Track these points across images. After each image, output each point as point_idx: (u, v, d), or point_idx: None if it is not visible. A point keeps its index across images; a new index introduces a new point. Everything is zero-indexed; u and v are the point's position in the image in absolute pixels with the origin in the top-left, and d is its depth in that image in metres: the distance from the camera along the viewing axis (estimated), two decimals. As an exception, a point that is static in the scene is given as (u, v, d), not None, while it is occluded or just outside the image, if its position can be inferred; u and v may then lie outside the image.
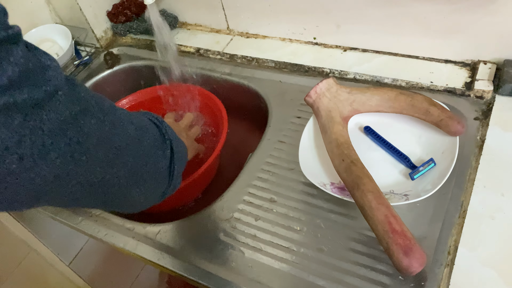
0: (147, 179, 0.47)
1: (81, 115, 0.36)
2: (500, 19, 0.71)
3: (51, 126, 0.33)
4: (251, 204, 0.70)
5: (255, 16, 0.97)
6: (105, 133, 0.39)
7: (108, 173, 0.40)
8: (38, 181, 0.34)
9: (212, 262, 0.64)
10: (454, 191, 0.63)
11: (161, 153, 0.50)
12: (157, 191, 0.51)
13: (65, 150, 0.34)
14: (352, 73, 0.86)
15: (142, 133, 0.46)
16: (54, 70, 0.35)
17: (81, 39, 1.11)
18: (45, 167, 0.33)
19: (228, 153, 0.92)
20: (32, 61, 0.33)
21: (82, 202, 0.41)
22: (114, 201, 0.45)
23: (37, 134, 0.32)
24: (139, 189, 0.46)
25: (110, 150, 0.40)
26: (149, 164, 0.47)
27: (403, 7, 0.77)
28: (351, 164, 0.61)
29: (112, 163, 0.40)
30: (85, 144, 0.36)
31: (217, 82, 0.97)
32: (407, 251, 0.51)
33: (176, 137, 0.54)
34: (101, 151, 0.38)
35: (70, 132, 0.35)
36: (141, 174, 0.45)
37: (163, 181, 0.51)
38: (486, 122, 0.70)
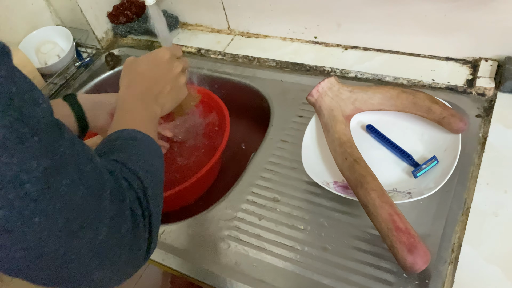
0: (116, 260, 0.38)
1: (51, 171, 0.31)
2: (500, 16, 0.71)
3: (8, 170, 0.28)
4: (255, 203, 0.70)
5: (256, 15, 0.97)
6: (74, 200, 0.33)
7: (64, 247, 0.33)
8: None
9: (216, 262, 0.64)
10: (457, 188, 0.63)
11: (139, 230, 0.40)
12: (128, 270, 0.41)
13: (15, 204, 0.29)
14: (354, 71, 0.86)
15: (121, 208, 0.38)
16: (44, 111, 0.31)
17: (82, 41, 1.11)
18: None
19: (231, 153, 0.92)
20: (20, 87, 0.30)
21: (26, 274, 0.33)
22: (69, 281, 0.36)
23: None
24: (104, 270, 0.37)
25: (76, 220, 0.33)
26: (125, 243, 0.38)
27: (403, 6, 0.77)
28: (354, 163, 0.61)
29: (73, 235, 0.33)
30: (43, 205, 0.30)
31: (218, 82, 0.97)
32: (411, 249, 0.52)
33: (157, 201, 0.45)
34: (62, 218, 0.32)
35: (28, 185, 0.29)
36: (110, 253, 0.37)
37: (138, 262, 0.42)
38: (488, 119, 0.71)
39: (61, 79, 1.05)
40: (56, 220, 0.31)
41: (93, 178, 0.35)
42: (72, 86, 1.05)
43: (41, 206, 0.30)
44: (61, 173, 0.32)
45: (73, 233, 0.33)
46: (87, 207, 0.34)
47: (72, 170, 0.33)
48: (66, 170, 0.32)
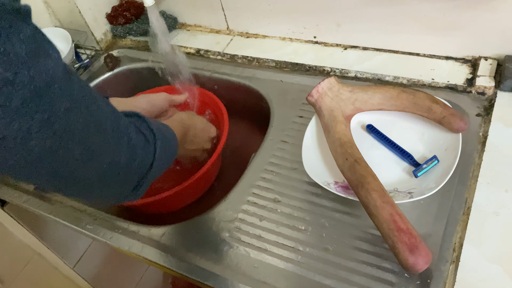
0: (114, 185, 0.47)
1: (70, 111, 0.37)
2: (500, 15, 0.71)
3: (42, 116, 0.34)
4: (255, 204, 0.70)
5: (255, 16, 0.97)
6: (87, 134, 0.40)
7: (79, 169, 0.41)
8: (10, 162, 0.35)
9: (217, 263, 0.64)
10: (458, 188, 0.63)
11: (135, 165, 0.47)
12: (121, 196, 0.50)
13: (46, 142, 0.35)
14: (353, 71, 0.86)
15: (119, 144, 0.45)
16: (54, 60, 0.35)
17: (81, 42, 1.11)
18: (22, 151, 0.34)
19: (231, 154, 0.92)
20: (39, 44, 0.34)
21: (43, 185, 0.42)
22: (73, 189, 0.45)
23: (27, 121, 0.33)
24: (104, 191, 0.46)
25: (87, 151, 0.40)
26: (121, 173, 0.46)
27: (403, 5, 0.77)
28: (355, 163, 0.61)
29: (86, 162, 0.41)
30: (66, 140, 0.37)
31: (218, 82, 0.97)
32: (412, 249, 0.52)
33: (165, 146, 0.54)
34: (78, 150, 0.39)
35: (56, 125, 0.35)
36: (110, 178, 0.45)
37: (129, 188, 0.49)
38: (488, 118, 0.71)
39: (60, 81, 1.05)
40: (74, 151, 0.38)
41: (98, 116, 0.41)
42: (71, 88, 1.04)
43: (65, 141, 0.37)
44: (76, 113, 0.38)
45: (84, 162, 0.40)
46: (96, 140, 0.41)
47: (83, 109, 0.39)
48: (80, 110, 0.38)
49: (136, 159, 0.47)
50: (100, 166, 0.42)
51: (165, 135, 0.55)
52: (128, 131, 0.46)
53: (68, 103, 0.36)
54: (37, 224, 1.05)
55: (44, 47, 0.34)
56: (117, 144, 0.44)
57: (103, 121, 0.42)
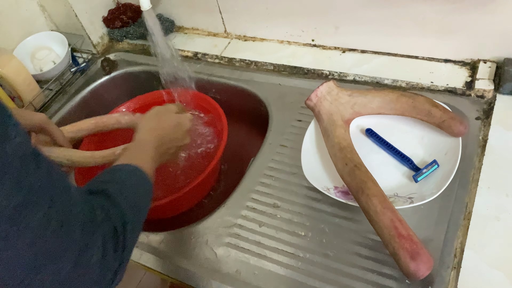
0: (84, 283, 0.38)
1: (24, 207, 0.31)
2: (499, 18, 0.71)
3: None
4: (255, 210, 0.69)
5: (253, 19, 0.96)
6: (45, 233, 0.33)
7: (29, 279, 0.33)
8: None
9: (217, 270, 0.64)
10: (458, 192, 0.63)
11: (106, 262, 0.40)
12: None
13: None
14: (352, 74, 0.86)
15: (90, 239, 0.38)
16: (16, 147, 0.31)
17: (77, 46, 1.10)
18: None
19: (230, 158, 0.92)
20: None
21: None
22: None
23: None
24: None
25: (45, 253, 0.33)
26: (90, 274, 0.38)
27: (401, 8, 0.77)
28: (355, 168, 0.61)
29: (39, 269, 0.33)
30: (13, 241, 0.31)
31: (215, 86, 0.96)
32: (414, 255, 0.51)
33: (136, 226, 0.46)
34: (31, 252, 0.32)
35: (0, 225, 0.30)
36: (74, 282, 0.37)
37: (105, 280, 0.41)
38: (488, 121, 0.70)
39: (56, 85, 1.04)
40: (24, 255, 0.32)
41: (66, 211, 0.35)
42: (68, 92, 1.04)
43: (11, 242, 0.30)
44: (34, 208, 0.32)
45: (39, 267, 0.33)
46: (57, 240, 0.34)
47: (46, 203, 0.33)
48: (40, 203, 0.32)
49: (107, 255, 0.39)
50: (63, 268, 0.35)
51: (137, 207, 0.47)
52: (103, 226, 0.40)
53: (21, 197, 0.31)
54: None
55: (5, 129, 0.30)
56: (89, 242, 0.37)
57: (73, 217, 0.36)
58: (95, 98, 1.06)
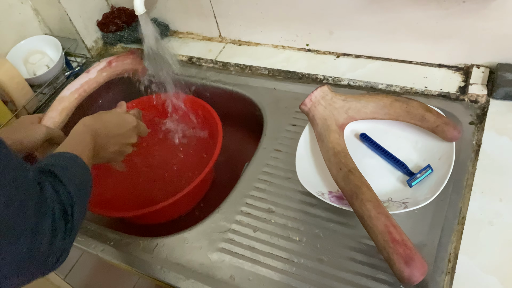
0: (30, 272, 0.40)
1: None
2: (492, 23, 0.71)
3: None
4: (249, 215, 0.69)
5: (247, 23, 0.96)
6: (8, 213, 0.35)
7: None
8: None
9: (211, 276, 0.63)
10: (452, 197, 0.63)
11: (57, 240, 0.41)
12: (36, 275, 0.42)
13: None
14: (346, 79, 0.86)
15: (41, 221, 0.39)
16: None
17: (71, 50, 1.09)
18: None
19: (224, 162, 0.91)
20: None
21: None
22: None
23: None
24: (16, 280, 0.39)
25: (3, 234, 0.35)
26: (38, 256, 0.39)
27: (395, 13, 0.77)
28: (349, 173, 0.61)
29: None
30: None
31: (210, 90, 0.96)
32: (408, 260, 0.51)
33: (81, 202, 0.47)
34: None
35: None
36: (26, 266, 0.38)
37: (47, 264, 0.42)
38: (481, 126, 0.71)
39: (50, 89, 1.04)
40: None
41: (24, 191, 0.37)
42: (62, 96, 1.03)
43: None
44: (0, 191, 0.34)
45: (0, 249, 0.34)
46: (16, 220, 0.36)
47: (9, 185, 0.35)
48: (4, 186, 0.34)
49: (58, 233, 0.41)
50: (16, 252, 0.36)
51: (81, 187, 0.48)
52: (54, 205, 0.41)
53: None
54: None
55: None
56: (41, 220, 0.39)
57: (25, 196, 0.37)
58: (89, 103, 1.05)
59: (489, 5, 0.69)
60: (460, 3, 0.70)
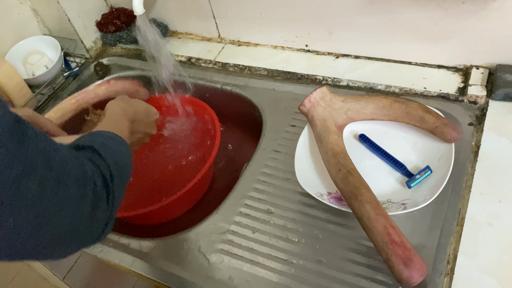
0: (76, 239, 0.41)
1: (23, 175, 0.32)
2: (491, 25, 0.71)
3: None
4: (248, 216, 0.69)
5: (247, 24, 0.96)
6: (45, 194, 0.35)
7: (33, 235, 0.35)
8: None
9: (210, 277, 0.63)
10: (451, 198, 0.63)
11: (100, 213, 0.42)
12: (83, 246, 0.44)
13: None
14: (345, 80, 0.86)
15: (84, 192, 0.40)
16: (1, 118, 0.31)
17: (70, 50, 1.09)
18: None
19: (223, 163, 0.91)
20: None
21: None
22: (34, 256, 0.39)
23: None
24: (65, 247, 0.40)
25: (45, 213, 0.35)
26: (85, 225, 0.40)
27: (394, 14, 0.77)
28: (348, 174, 0.61)
29: (42, 226, 0.35)
30: (16, 207, 0.32)
31: (209, 91, 0.96)
32: (407, 262, 0.51)
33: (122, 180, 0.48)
34: (32, 214, 0.34)
35: (3, 195, 0.31)
36: (72, 234, 0.39)
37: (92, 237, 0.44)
38: (480, 127, 0.71)
39: (49, 90, 1.04)
40: (27, 217, 0.33)
41: (59, 170, 0.37)
42: (61, 97, 1.03)
43: (14, 209, 0.32)
44: (32, 174, 0.33)
45: (41, 225, 0.35)
46: (55, 199, 0.36)
47: (42, 167, 0.34)
48: (36, 169, 0.34)
49: (100, 206, 0.42)
50: (62, 223, 0.37)
51: (121, 163, 0.49)
52: (94, 178, 0.42)
53: (21, 166, 0.32)
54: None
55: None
56: (83, 195, 0.39)
57: (66, 174, 0.37)
58: (88, 103, 1.05)
59: (489, 6, 0.69)
60: (460, 4, 0.70)
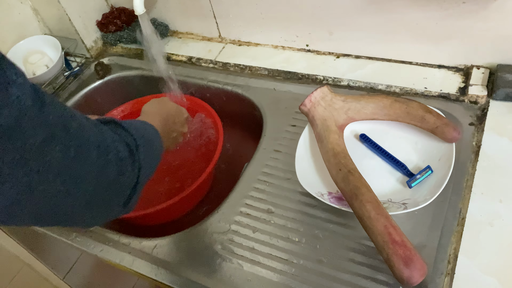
0: (103, 206, 0.42)
1: (46, 142, 0.33)
2: (491, 25, 0.71)
3: (12, 156, 0.30)
4: (249, 215, 0.69)
5: (247, 24, 0.96)
6: (67, 161, 0.35)
7: (63, 202, 0.37)
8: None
9: (210, 277, 0.63)
10: (452, 198, 0.63)
11: (125, 179, 0.44)
12: (111, 214, 0.46)
13: (23, 181, 0.32)
14: (346, 80, 0.86)
15: (106, 158, 0.41)
16: (20, 87, 0.30)
17: (71, 50, 1.09)
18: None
19: (224, 163, 0.91)
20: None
21: (27, 225, 0.38)
22: (63, 222, 0.41)
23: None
24: (93, 213, 0.42)
25: (70, 179, 0.36)
26: (110, 191, 0.42)
27: (395, 14, 0.77)
28: (349, 174, 0.61)
29: (70, 192, 0.36)
30: (44, 174, 0.33)
31: (210, 91, 0.96)
32: (407, 261, 0.51)
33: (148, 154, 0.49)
34: (59, 180, 0.35)
35: (32, 162, 0.32)
36: (98, 200, 0.41)
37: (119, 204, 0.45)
38: (481, 127, 0.71)
39: (49, 90, 1.04)
40: (55, 183, 0.34)
41: (79, 136, 0.37)
42: (61, 96, 1.03)
43: (43, 176, 0.33)
44: (54, 141, 0.34)
45: (67, 191, 0.36)
46: (78, 164, 0.36)
47: (61, 134, 0.35)
48: (57, 135, 0.34)
49: (124, 172, 0.43)
50: (87, 189, 0.38)
51: (147, 137, 0.51)
52: (115, 145, 0.42)
53: (44, 133, 0.32)
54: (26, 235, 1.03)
55: (3, 73, 0.29)
56: (105, 161, 0.40)
57: (86, 140, 0.38)
58: (88, 103, 1.05)
59: (489, 6, 0.69)
60: (460, 4, 0.70)
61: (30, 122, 0.31)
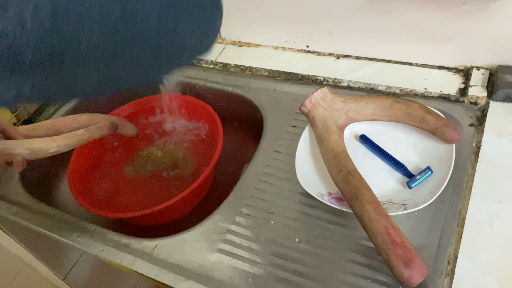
0: (196, 15, 0.34)
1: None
2: (492, 25, 0.71)
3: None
4: (249, 216, 0.69)
5: (248, 24, 0.96)
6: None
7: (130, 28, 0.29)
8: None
9: (210, 277, 0.63)
10: (452, 199, 0.63)
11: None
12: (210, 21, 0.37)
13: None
14: (346, 80, 0.86)
15: None
16: None
17: (71, 51, 1.09)
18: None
19: (224, 163, 0.91)
20: None
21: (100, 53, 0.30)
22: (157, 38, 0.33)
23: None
24: (188, 23, 0.34)
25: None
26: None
27: (395, 15, 0.77)
28: (349, 175, 0.61)
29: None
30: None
31: (210, 91, 0.96)
32: (407, 262, 0.51)
33: None
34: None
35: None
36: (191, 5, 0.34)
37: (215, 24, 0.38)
38: (481, 128, 0.71)
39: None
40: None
41: None
42: (62, 97, 1.03)
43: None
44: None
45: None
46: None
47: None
48: None
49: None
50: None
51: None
52: None
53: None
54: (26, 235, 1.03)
55: None
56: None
57: None
58: (87, 104, 1.05)
59: (489, 7, 0.69)
60: (460, 5, 0.71)
61: None
